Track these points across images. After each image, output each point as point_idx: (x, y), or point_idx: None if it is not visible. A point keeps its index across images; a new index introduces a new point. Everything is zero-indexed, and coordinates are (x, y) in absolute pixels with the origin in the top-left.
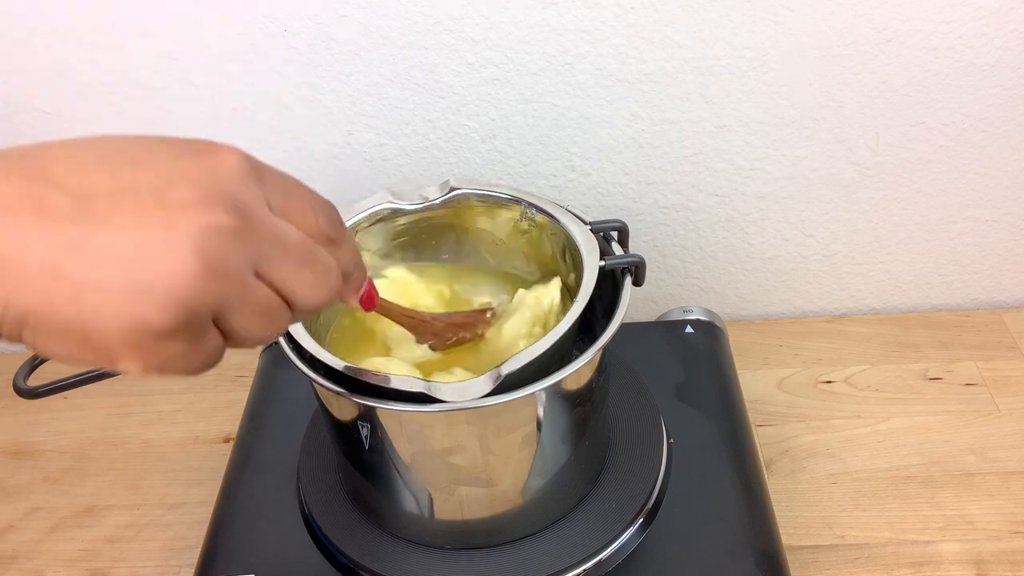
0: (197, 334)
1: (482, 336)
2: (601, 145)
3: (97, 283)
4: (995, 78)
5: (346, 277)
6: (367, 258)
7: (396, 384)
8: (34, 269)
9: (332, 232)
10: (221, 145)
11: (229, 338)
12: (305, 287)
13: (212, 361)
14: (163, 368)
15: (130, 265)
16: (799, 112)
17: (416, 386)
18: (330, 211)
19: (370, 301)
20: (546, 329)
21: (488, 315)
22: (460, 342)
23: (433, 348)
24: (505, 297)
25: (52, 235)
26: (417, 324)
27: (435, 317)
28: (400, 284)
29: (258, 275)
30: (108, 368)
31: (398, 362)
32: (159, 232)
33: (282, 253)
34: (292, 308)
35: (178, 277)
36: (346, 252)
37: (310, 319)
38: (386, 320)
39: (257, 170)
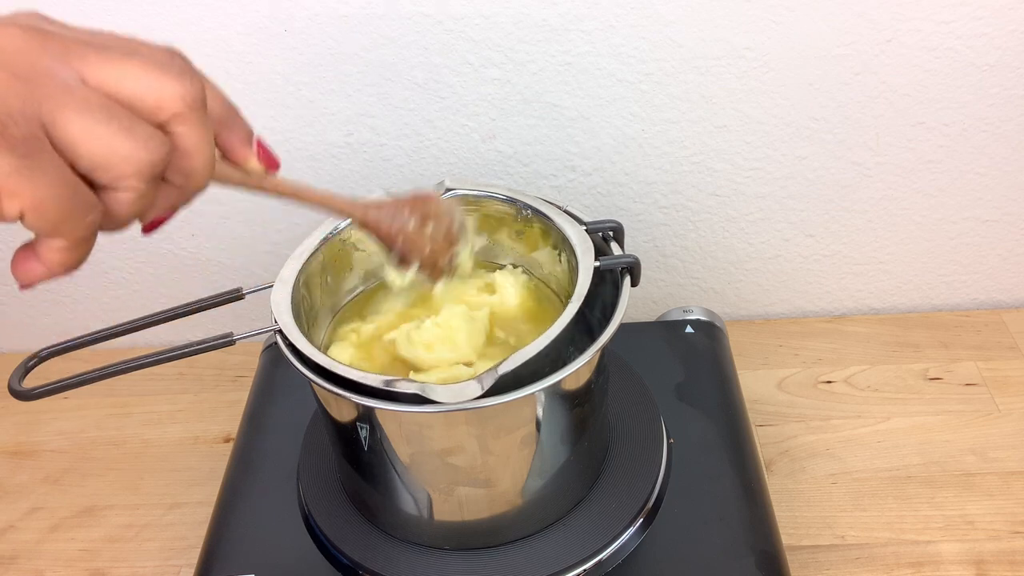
0: (21, 143)
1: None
2: (601, 145)
3: None
4: (995, 78)
5: (220, 121)
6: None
7: (391, 386)
8: None
9: (177, 63)
10: None
11: (73, 156)
12: (143, 85)
13: (62, 192)
14: (2, 191)
15: None
16: (799, 112)
17: (411, 387)
18: (172, 49)
19: (270, 158)
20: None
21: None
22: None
23: (391, 246)
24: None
25: None
26: (346, 207)
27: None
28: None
29: (84, 82)
30: None
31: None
32: None
33: (101, 53)
34: (159, 124)
35: None
36: (209, 89)
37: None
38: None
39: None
